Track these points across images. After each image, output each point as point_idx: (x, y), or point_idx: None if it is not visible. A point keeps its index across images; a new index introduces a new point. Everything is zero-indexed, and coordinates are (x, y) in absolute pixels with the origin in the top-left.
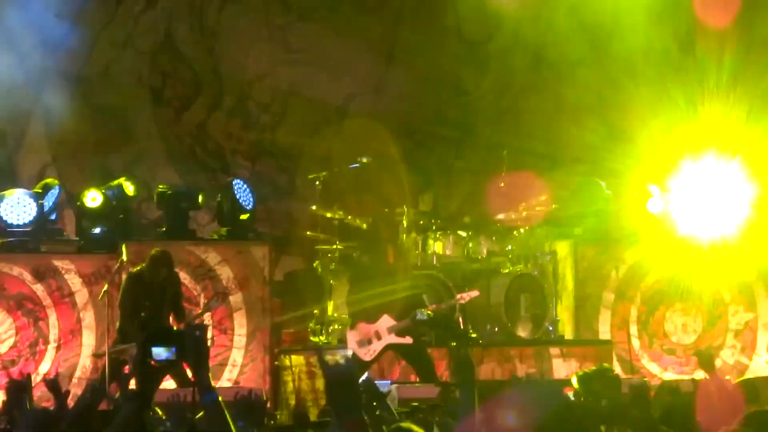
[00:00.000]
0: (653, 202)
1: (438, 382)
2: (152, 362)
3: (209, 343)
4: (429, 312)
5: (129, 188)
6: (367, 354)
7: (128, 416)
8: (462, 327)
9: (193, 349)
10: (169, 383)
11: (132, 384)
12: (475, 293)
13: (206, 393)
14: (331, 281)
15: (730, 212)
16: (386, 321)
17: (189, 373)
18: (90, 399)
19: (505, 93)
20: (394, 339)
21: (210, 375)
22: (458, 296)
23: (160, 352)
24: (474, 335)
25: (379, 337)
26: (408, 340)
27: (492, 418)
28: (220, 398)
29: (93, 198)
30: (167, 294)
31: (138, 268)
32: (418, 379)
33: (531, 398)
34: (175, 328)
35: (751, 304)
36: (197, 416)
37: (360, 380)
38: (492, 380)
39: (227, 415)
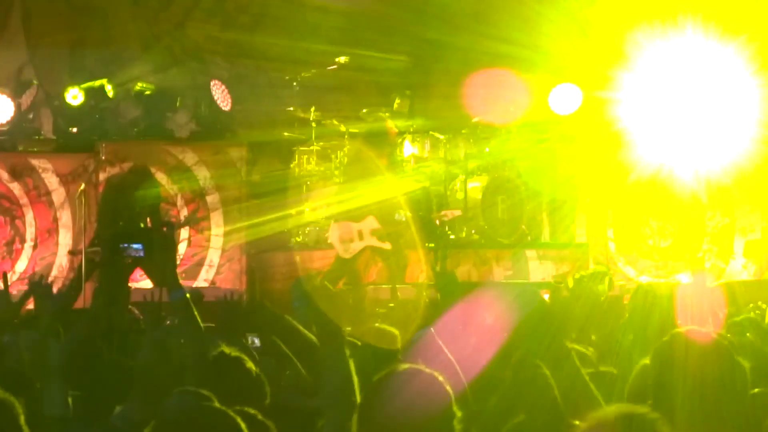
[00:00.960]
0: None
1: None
2: (119, 258)
3: (186, 242)
4: (407, 213)
5: (109, 90)
6: (346, 251)
7: (95, 312)
8: (440, 228)
9: (160, 246)
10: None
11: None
12: (457, 212)
13: (173, 290)
14: (308, 182)
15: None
16: (371, 223)
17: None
18: (66, 296)
19: None
20: (375, 242)
21: (177, 272)
22: (442, 213)
23: (127, 249)
24: (452, 236)
25: (361, 237)
26: (387, 245)
27: (469, 318)
28: (188, 295)
29: (74, 96)
30: (146, 204)
31: (118, 176)
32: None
33: (507, 300)
34: (142, 225)
35: (728, 209)
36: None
37: None
38: (468, 282)
39: (195, 312)
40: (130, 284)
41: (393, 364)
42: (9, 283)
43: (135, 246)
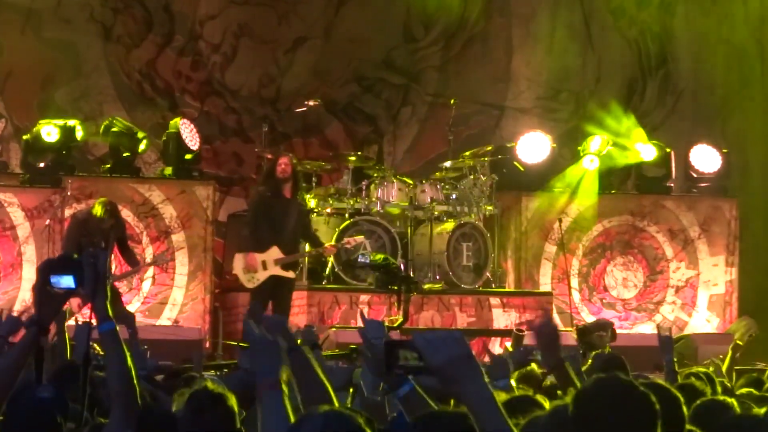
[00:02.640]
0: (590, 158)
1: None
2: (50, 289)
3: (150, 280)
4: (372, 254)
5: (79, 131)
6: (250, 282)
7: (26, 342)
8: (403, 271)
9: (90, 276)
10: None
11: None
12: (360, 239)
13: (102, 322)
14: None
15: None
16: (275, 252)
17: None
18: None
19: (454, 41)
20: (278, 271)
21: (106, 303)
22: (344, 240)
23: (58, 280)
24: (415, 280)
25: (264, 268)
26: (291, 275)
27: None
28: (117, 328)
29: (48, 132)
30: (110, 241)
31: (83, 212)
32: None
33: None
34: (75, 255)
35: (693, 261)
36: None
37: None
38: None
39: (123, 346)
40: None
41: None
42: None
43: (65, 276)
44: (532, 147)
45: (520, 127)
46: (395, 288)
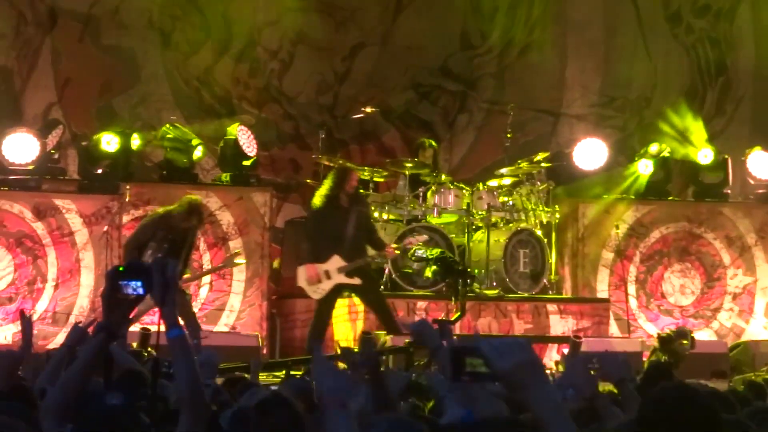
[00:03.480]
0: (645, 163)
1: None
2: (119, 295)
3: (207, 287)
4: (429, 249)
5: (135, 142)
6: (315, 293)
7: (94, 349)
8: (462, 265)
9: (159, 282)
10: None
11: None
12: (423, 238)
13: (171, 329)
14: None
15: None
16: (336, 261)
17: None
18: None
19: (511, 48)
20: (342, 279)
21: (174, 310)
22: (407, 241)
23: (126, 286)
24: (474, 273)
25: (328, 277)
26: (356, 281)
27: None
28: (185, 334)
29: (108, 141)
30: (186, 243)
31: (168, 209)
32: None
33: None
34: (142, 261)
35: (751, 268)
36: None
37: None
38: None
39: (192, 352)
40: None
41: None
42: (31, 322)
43: (134, 282)
44: (589, 154)
45: (575, 134)
46: (453, 281)
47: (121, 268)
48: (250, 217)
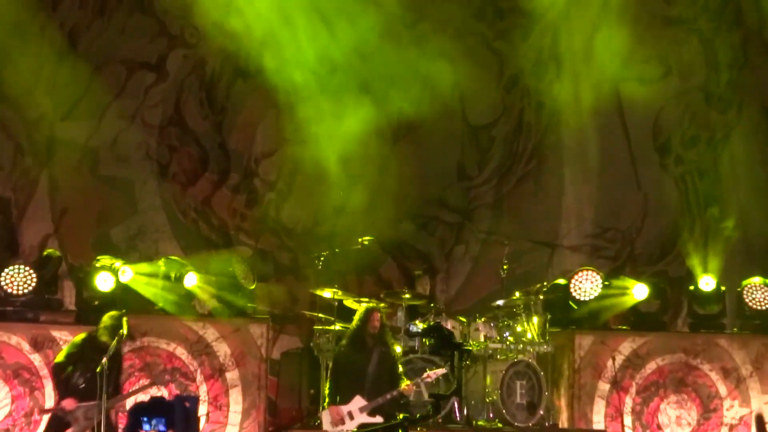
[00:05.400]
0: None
1: None
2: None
3: (204, 418)
4: (421, 323)
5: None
6: None
7: None
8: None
9: (181, 420)
10: None
11: None
12: (441, 371)
13: None
14: (328, 362)
15: None
16: (358, 401)
17: None
18: None
19: (508, 178)
20: (366, 419)
21: None
22: (425, 375)
23: (149, 422)
24: (469, 348)
25: (351, 418)
26: (379, 419)
27: None
28: None
29: (104, 280)
30: (115, 363)
31: (88, 334)
32: None
33: None
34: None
35: (746, 399)
36: None
37: None
38: None
39: None
40: None
41: None
42: None
43: (157, 419)
44: (585, 284)
45: (570, 265)
46: (448, 353)
47: (144, 405)
48: (247, 348)
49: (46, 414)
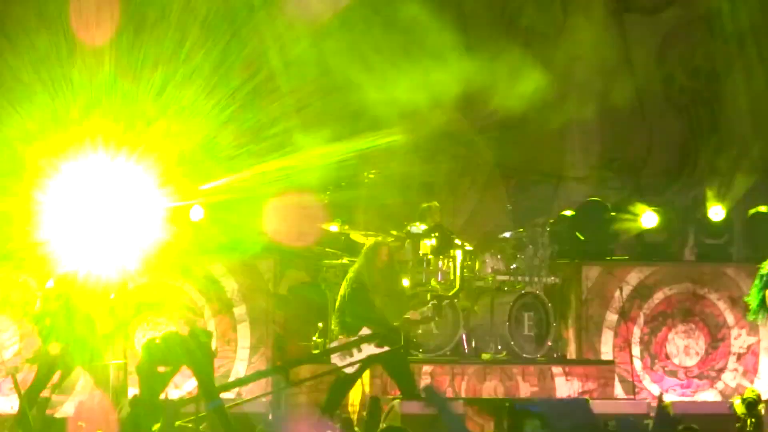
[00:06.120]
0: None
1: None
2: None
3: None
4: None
5: None
6: (348, 366)
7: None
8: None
9: (198, 356)
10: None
11: None
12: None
13: (209, 400)
14: (335, 296)
15: None
16: (365, 332)
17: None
18: None
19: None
20: (373, 349)
21: (213, 381)
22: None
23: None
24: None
25: (359, 349)
26: (386, 349)
27: None
28: (223, 405)
29: None
30: None
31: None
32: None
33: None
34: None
35: (754, 328)
36: None
37: None
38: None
39: (230, 422)
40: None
41: None
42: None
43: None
44: (591, 216)
45: (577, 196)
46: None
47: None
48: (255, 283)
49: None
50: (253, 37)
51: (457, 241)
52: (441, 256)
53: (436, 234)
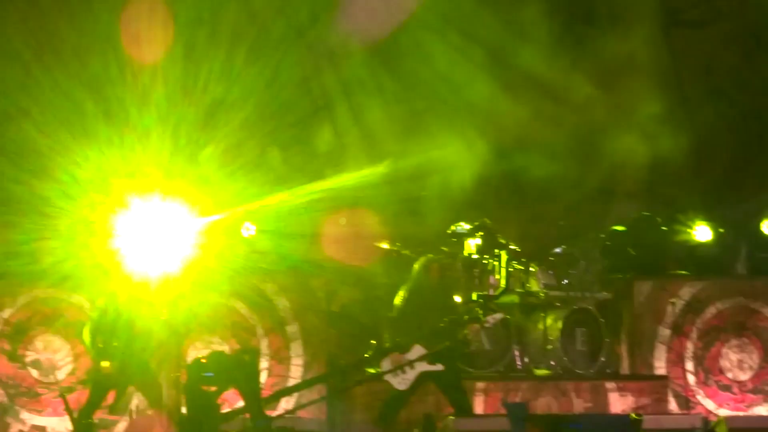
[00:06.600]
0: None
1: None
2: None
3: (266, 372)
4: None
5: None
6: (401, 383)
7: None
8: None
9: (242, 375)
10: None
11: None
12: (499, 316)
13: (256, 419)
14: (387, 312)
15: None
16: (418, 350)
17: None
18: None
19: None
20: (427, 366)
21: (260, 400)
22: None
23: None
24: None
25: (412, 366)
26: (440, 366)
27: None
28: (271, 425)
29: None
30: None
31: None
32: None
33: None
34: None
35: None
36: None
37: None
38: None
39: None
40: None
41: None
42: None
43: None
44: (643, 231)
45: (628, 211)
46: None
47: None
48: (307, 301)
49: None
50: (305, 58)
51: (502, 241)
52: (488, 258)
53: (481, 233)
